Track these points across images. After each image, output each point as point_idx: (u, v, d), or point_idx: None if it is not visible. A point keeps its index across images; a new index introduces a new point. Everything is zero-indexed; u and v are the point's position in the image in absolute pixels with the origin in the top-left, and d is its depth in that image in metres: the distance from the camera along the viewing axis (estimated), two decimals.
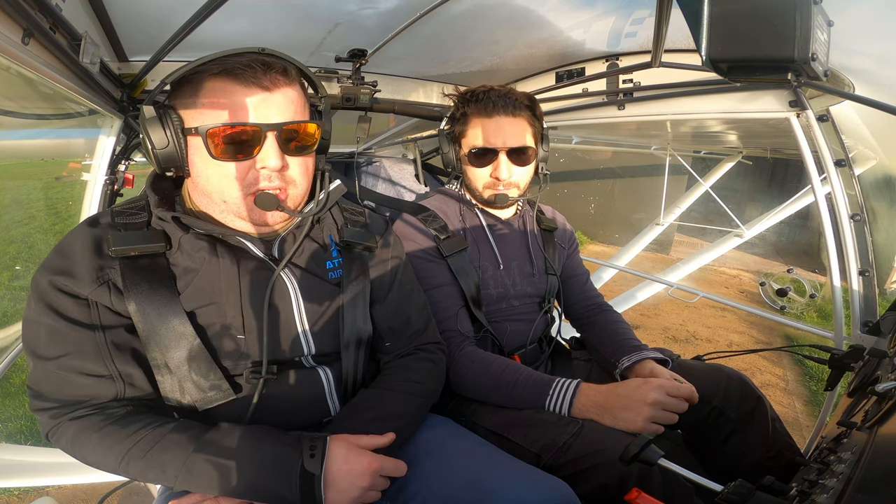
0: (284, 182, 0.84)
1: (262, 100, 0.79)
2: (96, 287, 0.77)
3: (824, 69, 0.78)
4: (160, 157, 0.79)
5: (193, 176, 0.83)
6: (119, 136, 1.38)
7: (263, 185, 0.81)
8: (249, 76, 0.77)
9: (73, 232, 0.81)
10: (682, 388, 0.99)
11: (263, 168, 0.81)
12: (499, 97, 1.22)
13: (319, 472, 0.73)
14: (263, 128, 0.79)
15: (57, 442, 0.77)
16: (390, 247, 1.05)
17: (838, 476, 0.56)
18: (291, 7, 1.21)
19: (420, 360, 1.01)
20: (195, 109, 0.79)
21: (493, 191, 1.27)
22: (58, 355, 0.75)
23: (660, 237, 4.15)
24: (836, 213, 1.39)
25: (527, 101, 1.25)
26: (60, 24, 0.90)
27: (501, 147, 1.22)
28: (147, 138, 0.78)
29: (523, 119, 1.24)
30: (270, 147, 0.80)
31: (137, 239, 0.80)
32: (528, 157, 1.25)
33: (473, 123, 1.25)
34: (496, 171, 1.24)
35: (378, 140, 2.21)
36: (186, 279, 0.81)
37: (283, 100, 0.81)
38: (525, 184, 1.30)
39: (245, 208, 0.83)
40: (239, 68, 0.76)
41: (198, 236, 0.82)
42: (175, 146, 0.79)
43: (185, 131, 0.80)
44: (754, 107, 1.45)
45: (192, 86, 0.79)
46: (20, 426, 2.70)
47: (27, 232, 7.32)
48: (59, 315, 0.76)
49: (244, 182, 0.81)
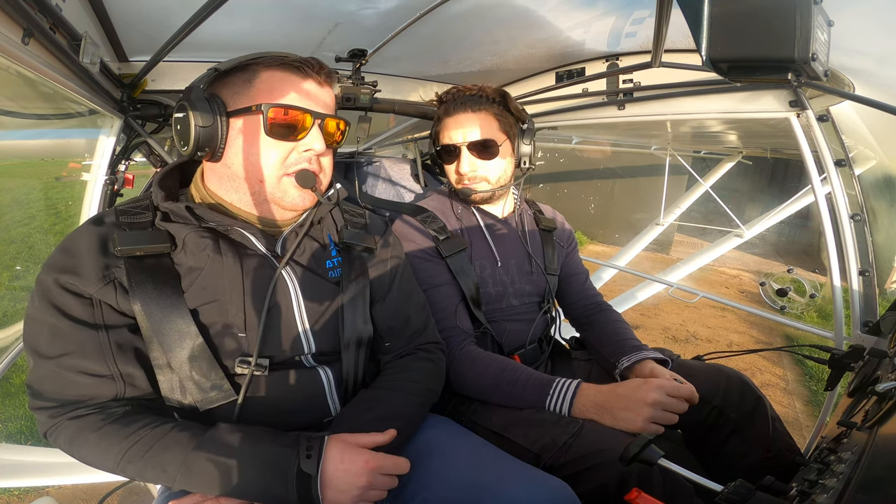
0: (319, 168, 0.90)
1: (315, 90, 0.88)
2: (102, 286, 0.77)
3: (824, 69, 0.78)
4: (201, 134, 0.82)
5: (228, 157, 0.85)
6: (119, 136, 1.38)
7: (304, 166, 0.88)
8: (307, 69, 0.86)
9: (78, 230, 0.82)
10: (683, 388, 0.99)
11: (307, 150, 0.87)
12: (462, 95, 1.28)
13: (316, 473, 0.73)
14: (314, 115, 0.86)
15: (55, 441, 0.77)
16: (390, 247, 1.05)
17: (838, 476, 0.56)
18: (291, 7, 1.21)
19: (420, 360, 1.01)
20: (247, 94, 0.84)
21: (461, 185, 1.30)
22: (59, 354, 0.75)
23: (660, 237, 4.15)
24: (836, 213, 1.39)
25: (496, 97, 1.28)
26: (60, 24, 0.90)
27: (461, 142, 1.26)
28: (192, 115, 0.81)
29: (487, 113, 1.27)
30: (316, 133, 0.87)
31: (143, 239, 0.81)
32: (492, 150, 1.27)
33: (443, 124, 1.31)
34: (459, 166, 1.28)
35: (378, 140, 2.21)
36: (190, 277, 0.82)
37: (328, 96, 0.91)
38: (497, 177, 1.30)
39: (281, 189, 0.87)
40: (296, 62, 0.86)
41: (202, 234, 0.83)
42: (218, 125, 0.83)
43: (232, 113, 0.84)
44: (754, 107, 1.45)
45: (245, 74, 0.85)
46: (20, 426, 2.70)
47: (27, 232, 7.32)
48: (62, 314, 0.76)
49: (285, 163, 0.86)
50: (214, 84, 0.86)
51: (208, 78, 0.85)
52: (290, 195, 0.88)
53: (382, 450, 0.82)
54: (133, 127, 1.40)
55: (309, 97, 0.86)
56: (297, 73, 0.86)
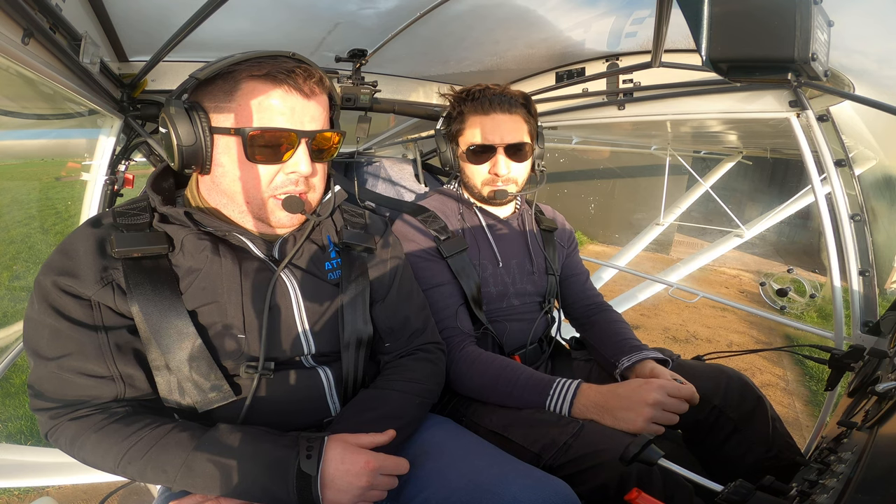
0: (308, 187, 0.87)
1: (300, 106, 0.81)
2: (100, 288, 0.77)
3: (824, 69, 0.78)
4: (184, 153, 0.79)
5: (216, 175, 0.83)
6: (119, 136, 1.38)
7: (290, 189, 0.84)
8: (291, 82, 0.79)
9: (76, 233, 0.81)
10: (683, 388, 0.99)
11: (292, 173, 0.83)
12: (495, 95, 1.24)
13: (316, 473, 0.73)
14: (299, 134, 0.81)
15: (56, 442, 0.77)
16: (389, 247, 1.05)
17: (838, 476, 0.56)
18: (292, 7, 1.21)
19: (420, 360, 1.01)
20: (229, 108, 0.79)
21: (492, 187, 1.28)
22: (59, 355, 0.75)
23: (660, 237, 4.15)
24: (836, 213, 1.39)
25: (522, 99, 1.27)
26: (60, 24, 0.90)
27: (499, 143, 1.24)
28: (173, 133, 0.77)
29: (519, 116, 1.26)
30: (302, 153, 0.82)
31: (140, 240, 0.80)
32: (525, 153, 1.27)
33: (471, 122, 1.27)
34: (494, 168, 1.25)
35: (378, 140, 2.21)
36: (189, 279, 0.81)
37: (316, 108, 0.84)
38: (523, 180, 1.31)
39: (267, 210, 0.85)
40: (282, 73, 0.78)
41: (200, 236, 0.83)
42: (202, 143, 0.79)
43: (215, 130, 0.80)
44: (754, 107, 1.45)
45: (227, 84, 0.79)
46: (20, 426, 2.70)
47: (27, 232, 7.32)
48: (61, 315, 0.76)
49: (271, 185, 0.83)
50: (196, 91, 0.82)
51: (189, 87, 0.80)
52: (276, 216, 0.86)
53: (382, 450, 0.82)
54: (133, 127, 1.40)
55: (294, 113, 0.80)
56: (282, 85, 0.79)
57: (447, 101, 1.34)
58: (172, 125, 0.77)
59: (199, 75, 0.78)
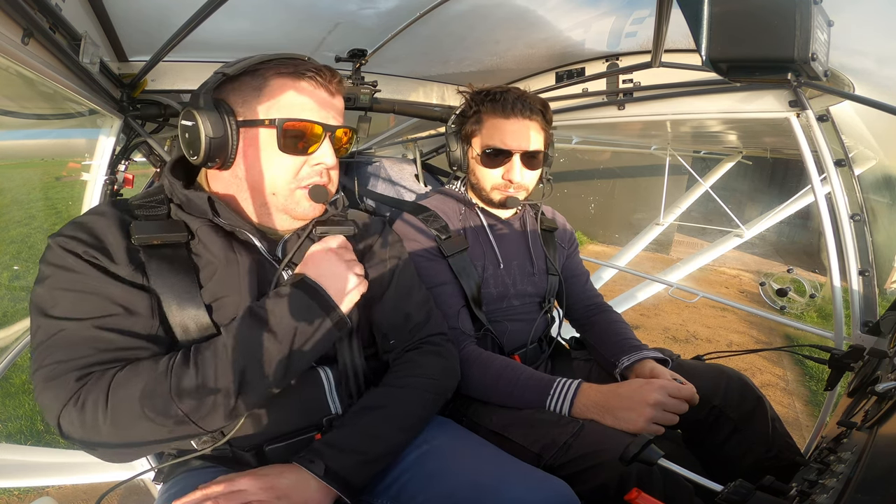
0: (329, 179, 0.90)
1: (327, 101, 0.87)
2: (132, 269, 0.77)
3: (824, 69, 0.78)
4: (212, 144, 0.80)
5: (242, 167, 0.84)
6: (119, 136, 1.38)
7: (315, 180, 0.87)
8: (319, 78, 0.85)
9: (96, 214, 0.80)
10: (684, 388, 0.99)
11: (318, 164, 0.87)
12: (516, 99, 1.21)
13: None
14: (325, 128, 0.85)
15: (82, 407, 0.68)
16: (388, 246, 1.06)
17: (838, 476, 0.56)
18: (292, 7, 1.21)
19: (427, 353, 1.01)
20: (258, 102, 0.82)
21: (503, 192, 1.26)
22: (96, 315, 0.73)
23: (660, 237, 4.14)
24: (836, 213, 1.39)
25: (540, 105, 1.24)
26: (60, 24, 0.90)
27: (517, 149, 1.21)
28: (202, 125, 0.78)
29: (538, 123, 1.24)
30: (327, 146, 0.87)
31: (160, 228, 0.81)
32: (539, 161, 1.26)
33: (488, 123, 1.23)
34: (509, 174, 1.23)
35: (378, 140, 2.22)
36: (208, 271, 0.82)
37: (339, 106, 0.90)
38: (533, 187, 1.30)
39: (294, 200, 0.87)
40: (309, 71, 0.83)
41: (213, 229, 0.83)
42: (229, 135, 0.81)
43: (244, 123, 0.82)
44: (754, 107, 1.45)
45: (255, 80, 0.83)
46: (20, 426, 2.70)
47: (27, 232, 7.32)
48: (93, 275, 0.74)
49: (297, 176, 0.86)
50: (221, 88, 0.84)
51: (216, 82, 0.82)
52: (301, 206, 0.88)
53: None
54: (133, 127, 1.40)
55: (322, 108, 0.85)
56: (311, 82, 0.84)
57: (463, 98, 1.31)
58: (202, 117, 0.79)
59: (227, 71, 0.81)
